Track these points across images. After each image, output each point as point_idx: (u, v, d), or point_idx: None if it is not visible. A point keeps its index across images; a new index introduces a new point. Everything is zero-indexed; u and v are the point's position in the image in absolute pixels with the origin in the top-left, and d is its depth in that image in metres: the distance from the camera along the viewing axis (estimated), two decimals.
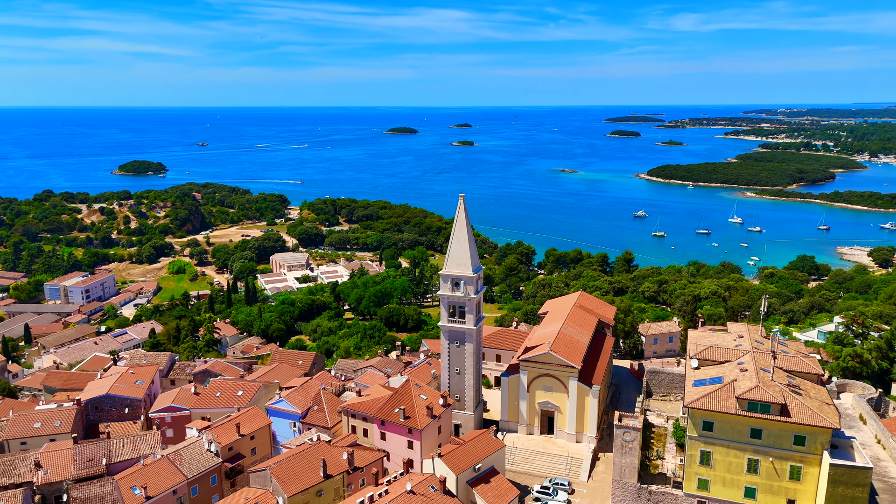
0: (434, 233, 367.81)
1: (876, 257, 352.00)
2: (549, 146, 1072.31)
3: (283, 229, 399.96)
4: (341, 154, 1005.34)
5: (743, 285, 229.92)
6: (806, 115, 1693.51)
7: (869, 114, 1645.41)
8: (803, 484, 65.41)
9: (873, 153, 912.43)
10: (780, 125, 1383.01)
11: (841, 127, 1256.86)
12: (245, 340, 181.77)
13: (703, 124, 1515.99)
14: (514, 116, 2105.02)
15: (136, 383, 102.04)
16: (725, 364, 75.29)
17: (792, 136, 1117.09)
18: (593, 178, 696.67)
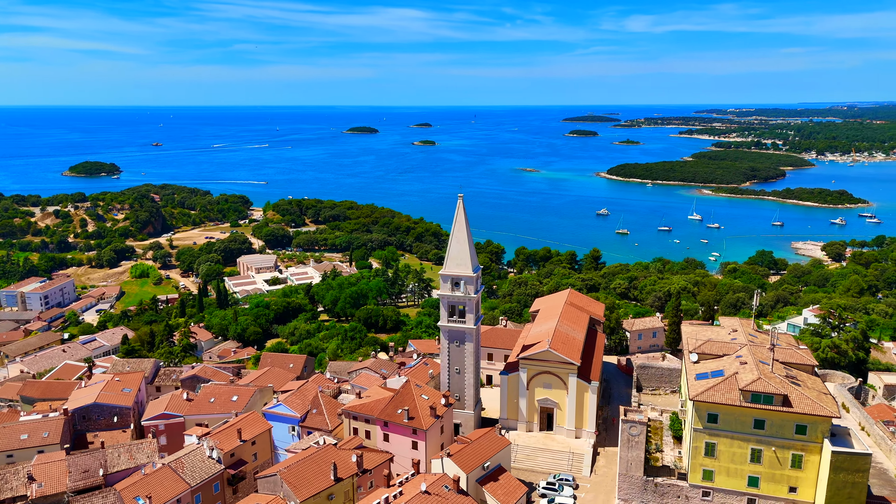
0: (403, 233, 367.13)
1: (829, 252, 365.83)
2: (510, 146, 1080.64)
3: (248, 231, 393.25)
4: (302, 154, 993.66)
5: (711, 280, 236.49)
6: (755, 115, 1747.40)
7: (813, 113, 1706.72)
8: (804, 471, 67.95)
9: (820, 151, 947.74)
10: (731, 124, 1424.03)
11: (788, 126, 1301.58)
12: (221, 344, 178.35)
13: (658, 124, 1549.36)
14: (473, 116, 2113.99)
15: (124, 391, 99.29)
16: (724, 357, 77.62)
17: (743, 136, 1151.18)
18: (555, 177, 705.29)
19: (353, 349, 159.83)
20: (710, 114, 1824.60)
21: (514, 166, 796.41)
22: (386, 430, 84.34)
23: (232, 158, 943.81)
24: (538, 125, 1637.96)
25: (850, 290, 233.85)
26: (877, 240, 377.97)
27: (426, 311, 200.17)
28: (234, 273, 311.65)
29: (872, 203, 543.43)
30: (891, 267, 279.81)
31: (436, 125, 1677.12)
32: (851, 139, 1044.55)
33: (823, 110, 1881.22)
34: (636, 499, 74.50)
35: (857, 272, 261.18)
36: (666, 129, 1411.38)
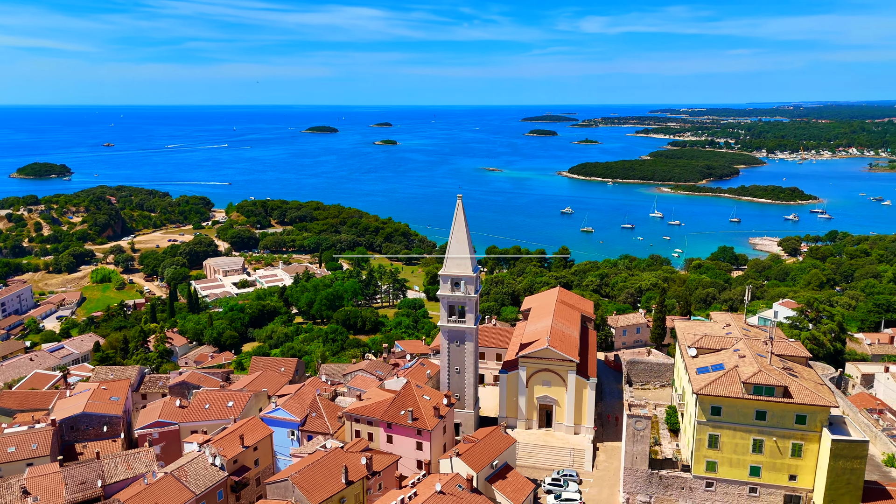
0: (372, 233, 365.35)
1: (785, 247, 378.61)
2: (472, 145, 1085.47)
3: (212, 233, 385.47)
4: (262, 154, 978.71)
5: (679, 276, 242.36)
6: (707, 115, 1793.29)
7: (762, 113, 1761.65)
8: (804, 460, 70.56)
9: (770, 150, 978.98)
10: (685, 124, 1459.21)
11: (739, 126, 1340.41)
12: (197, 350, 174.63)
13: (615, 123, 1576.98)
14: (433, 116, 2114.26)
15: (112, 399, 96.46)
16: (722, 351, 79.93)
17: (697, 135, 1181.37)
18: (518, 176, 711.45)
19: (335, 351, 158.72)
20: (665, 113, 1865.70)
21: (477, 166, 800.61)
22: (389, 431, 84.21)
23: (189, 159, 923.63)
24: (498, 125, 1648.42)
25: (811, 284, 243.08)
26: (829, 234, 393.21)
27: (404, 312, 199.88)
28: (201, 276, 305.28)
29: (823, 199, 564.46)
30: (846, 261, 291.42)
31: (396, 125, 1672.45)
32: (799, 138, 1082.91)
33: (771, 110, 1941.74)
34: (641, 492, 76.17)
35: (815, 266, 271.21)
36: (623, 128, 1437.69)
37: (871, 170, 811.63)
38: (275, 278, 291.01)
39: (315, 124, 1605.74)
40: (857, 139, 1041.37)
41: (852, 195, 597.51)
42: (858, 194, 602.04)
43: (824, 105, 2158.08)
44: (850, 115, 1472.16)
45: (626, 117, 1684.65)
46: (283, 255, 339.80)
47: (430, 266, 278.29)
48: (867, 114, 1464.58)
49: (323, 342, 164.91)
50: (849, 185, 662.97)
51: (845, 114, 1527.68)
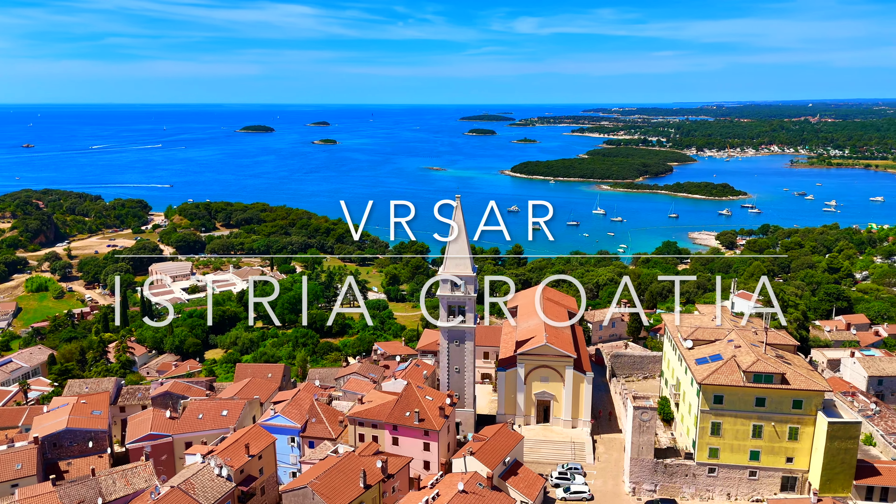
0: (323, 234, 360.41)
1: (723, 241, 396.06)
2: (413, 144, 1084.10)
3: (154, 237, 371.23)
4: (196, 155, 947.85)
5: (634, 271, 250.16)
6: (637, 114, 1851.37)
7: (687, 112, 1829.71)
8: (800, 442, 74.74)
9: (699, 148, 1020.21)
10: (617, 123, 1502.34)
11: (668, 124, 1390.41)
12: (159, 358, 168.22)
13: (551, 122, 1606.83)
14: (371, 115, 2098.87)
15: (94, 413, 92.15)
16: (716, 342, 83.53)
17: (630, 133, 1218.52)
18: (462, 175, 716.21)
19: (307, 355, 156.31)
20: (598, 113, 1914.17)
21: (420, 165, 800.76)
22: (395, 433, 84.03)
23: (118, 160, 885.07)
24: (437, 124, 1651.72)
25: (755, 276, 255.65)
26: (762, 228, 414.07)
27: (371, 313, 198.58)
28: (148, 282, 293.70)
29: (752, 195, 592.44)
30: (781, 252, 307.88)
31: (334, 124, 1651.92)
32: (725, 136, 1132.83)
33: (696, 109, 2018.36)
34: (647, 481, 78.84)
35: (756, 258, 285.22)
36: (559, 127, 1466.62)
37: (793, 166, 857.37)
38: (227, 283, 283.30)
39: (249, 123, 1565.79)
40: (777, 137, 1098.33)
41: (777, 190, 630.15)
42: (783, 189, 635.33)
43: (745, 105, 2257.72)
44: (768, 114, 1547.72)
45: (560, 117, 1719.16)
46: (233, 259, 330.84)
47: (388, 266, 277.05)
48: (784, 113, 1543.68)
49: (293, 346, 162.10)
50: (773, 180, 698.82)
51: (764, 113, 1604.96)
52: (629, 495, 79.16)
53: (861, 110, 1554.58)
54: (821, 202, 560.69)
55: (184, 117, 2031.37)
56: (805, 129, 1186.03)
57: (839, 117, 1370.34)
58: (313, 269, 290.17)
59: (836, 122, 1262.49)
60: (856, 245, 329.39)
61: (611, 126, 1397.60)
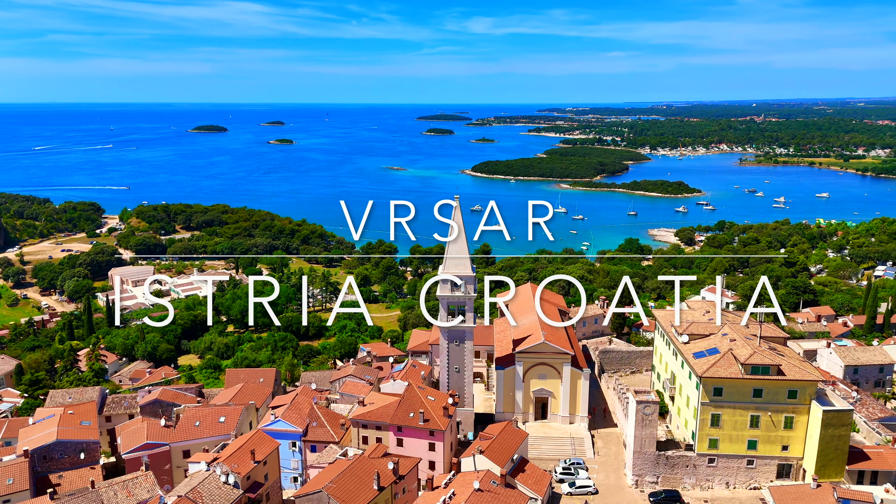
0: (288, 236, 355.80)
1: (682, 237, 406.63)
2: (372, 144, 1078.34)
3: (111, 241, 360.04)
4: (148, 156, 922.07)
5: (603, 269, 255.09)
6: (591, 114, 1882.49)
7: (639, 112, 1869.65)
8: (795, 431, 77.85)
9: (653, 147, 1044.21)
10: (572, 122, 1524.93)
11: (622, 124, 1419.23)
12: (131, 366, 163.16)
13: (507, 122, 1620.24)
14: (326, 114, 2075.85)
15: (83, 424, 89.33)
16: (711, 336, 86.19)
17: (585, 133, 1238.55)
18: (423, 174, 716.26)
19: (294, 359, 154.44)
20: (552, 112, 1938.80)
21: (380, 165, 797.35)
22: (400, 434, 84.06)
23: (64, 162, 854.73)
24: (394, 123, 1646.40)
25: (717, 271, 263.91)
26: (718, 224, 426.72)
27: (346, 315, 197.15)
28: (107, 288, 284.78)
29: (706, 192, 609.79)
30: (740, 248, 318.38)
31: (289, 123, 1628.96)
32: (676, 135, 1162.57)
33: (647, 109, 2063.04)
34: (649, 473, 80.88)
35: (717, 254, 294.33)
36: (515, 127, 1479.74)
37: (742, 164, 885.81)
38: (191, 287, 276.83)
39: (201, 123, 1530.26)
40: (726, 136, 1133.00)
41: (729, 188, 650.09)
42: (734, 187, 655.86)
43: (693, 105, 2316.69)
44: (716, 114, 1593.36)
45: (517, 116, 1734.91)
46: (196, 262, 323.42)
47: (359, 268, 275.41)
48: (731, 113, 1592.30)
49: (272, 350, 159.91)
50: (725, 178, 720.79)
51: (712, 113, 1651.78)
52: (632, 488, 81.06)
53: (802, 110, 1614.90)
54: (770, 199, 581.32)
55: (132, 117, 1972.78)
56: (751, 128, 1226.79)
57: (782, 117, 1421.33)
58: (281, 271, 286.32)
59: (779, 121, 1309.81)
60: (808, 240, 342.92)
61: (566, 126, 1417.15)
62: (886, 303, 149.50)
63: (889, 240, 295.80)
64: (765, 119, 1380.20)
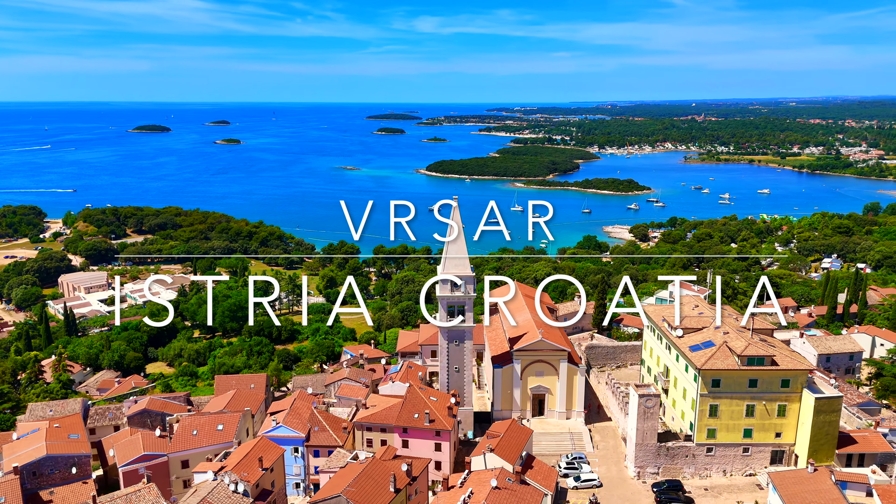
0: (245, 238, 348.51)
1: (636, 234, 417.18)
2: (323, 143, 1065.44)
3: (57, 246, 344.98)
4: (87, 157, 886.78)
5: (568, 266, 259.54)
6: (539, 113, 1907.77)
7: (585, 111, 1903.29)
8: (787, 418, 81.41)
9: (601, 145, 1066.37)
10: (521, 122, 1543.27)
11: (569, 123, 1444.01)
12: (97, 375, 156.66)
13: (457, 122, 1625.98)
14: (273, 113, 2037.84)
15: (71, 437, 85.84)
16: (704, 330, 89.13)
17: (535, 132, 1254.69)
18: (377, 174, 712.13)
19: (264, 364, 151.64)
20: (501, 112, 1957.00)
21: (333, 165, 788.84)
22: (405, 436, 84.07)
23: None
24: (344, 123, 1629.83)
25: (676, 266, 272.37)
26: (670, 221, 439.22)
27: (317, 318, 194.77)
28: (58, 295, 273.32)
29: (655, 189, 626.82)
30: (694, 243, 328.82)
31: (234, 122, 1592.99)
32: (623, 134, 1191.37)
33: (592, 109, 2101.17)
34: (651, 464, 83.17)
35: (674, 250, 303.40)
36: (465, 126, 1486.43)
37: (686, 162, 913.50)
38: (148, 292, 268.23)
39: (143, 123, 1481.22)
40: (670, 135, 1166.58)
41: (676, 185, 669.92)
42: (681, 184, 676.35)
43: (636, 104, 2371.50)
44: (659, 113, 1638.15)
45: (466, 116, 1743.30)
46: (151, 267, 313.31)
47: (324, 269, 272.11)
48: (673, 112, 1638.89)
49: (248, 355, 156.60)
50: (671, 175, 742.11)
51: (655, 112, 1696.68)
52: (634, 479, 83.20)
53: (738, 109, 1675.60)
54: (716, 195, 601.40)
55: (67, 116, 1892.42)
56: (693, 127, 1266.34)
57: (720, 116, 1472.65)
58: (243, 274, 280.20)
59: (719, 120, 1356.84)
60: (755, 234, 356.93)
61: (516, 125, 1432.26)
62: (844, 293, 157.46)
63: (833, 233, 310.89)
64: (705, 118, 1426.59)
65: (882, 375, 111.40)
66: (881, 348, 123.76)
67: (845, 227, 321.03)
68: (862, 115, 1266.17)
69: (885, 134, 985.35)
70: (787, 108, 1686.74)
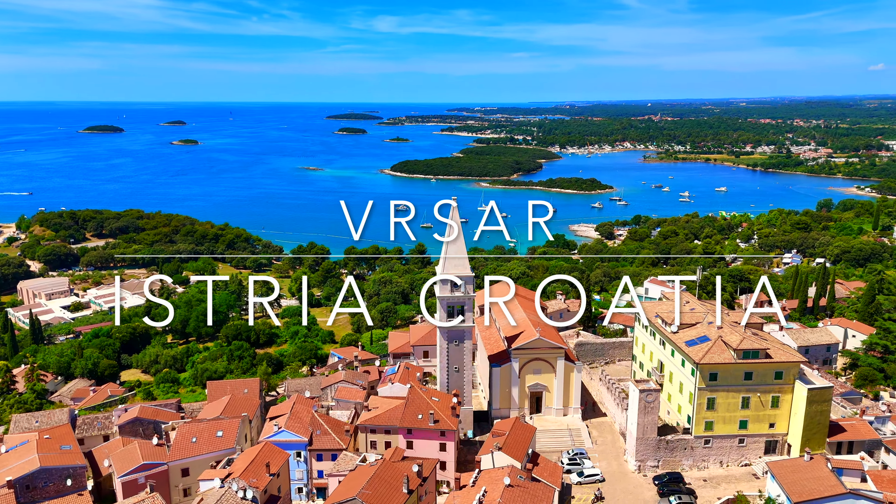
0: (211, 241, 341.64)
1: (602, 232, 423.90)
2: (284, 144, 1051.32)
3: (12, 251, 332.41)
4: (37, 158, 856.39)
5: (541, 264, 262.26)
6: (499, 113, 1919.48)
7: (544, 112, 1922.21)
8: (780, 409, 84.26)
9: (562, 145, 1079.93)
10: (482, 122, 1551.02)
11: (530, 123, 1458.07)
12: (70, 384, 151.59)
13: (419, 121, 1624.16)
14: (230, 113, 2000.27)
15: (63, 448, 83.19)
16: (697, 325, 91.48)
17: (496, 132, 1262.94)
18: (342, 174, 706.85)
19: (246, 368, 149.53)
20: (462, 112, 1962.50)
21: (295, 165, 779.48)
22: (410, 437, 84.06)
23: None
24: (304, 123, 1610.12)
25: (645, 263, 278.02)
26: (634, 219, 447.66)
27: (294, 321, 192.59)
28: (18, 303, 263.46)
29: (617, 188, 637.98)
30: (661, 241, 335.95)
31: (191, 123, 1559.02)
32: (583, 134, 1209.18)
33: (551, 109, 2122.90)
34: (651, 457, 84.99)
35: (642, 247, 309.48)
36: (427, 126, 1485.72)
37: (645, 161, 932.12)
38: (113, 297, 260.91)
39: (94, 123, 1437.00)
40: (628, 135, 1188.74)
41: (637, 183, 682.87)
42: (641, 183, 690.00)
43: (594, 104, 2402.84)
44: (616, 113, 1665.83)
45: (428, 116, 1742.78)
46: (114, 271, 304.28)
47: (297, 271, 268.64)
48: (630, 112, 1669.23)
49: (227, 360, 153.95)
50: (632, 174, 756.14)
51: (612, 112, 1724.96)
52: (635, 473, 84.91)
53: (692, 109, 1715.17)
54: (676, 193, 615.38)
55: (14, 116, 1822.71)
56: (650, 126, 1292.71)
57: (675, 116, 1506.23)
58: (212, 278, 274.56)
59: (675, 120, 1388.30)
60: (718, 231, 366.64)
61: (477, 125, 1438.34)
62: (812, 287, 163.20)
63: (792, 229, 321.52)
64: (661, 118, 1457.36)
65: (857, 366, 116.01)
66: (853, 339, 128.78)
67: (803, 223, 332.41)
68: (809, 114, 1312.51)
69: (832, 133, 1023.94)
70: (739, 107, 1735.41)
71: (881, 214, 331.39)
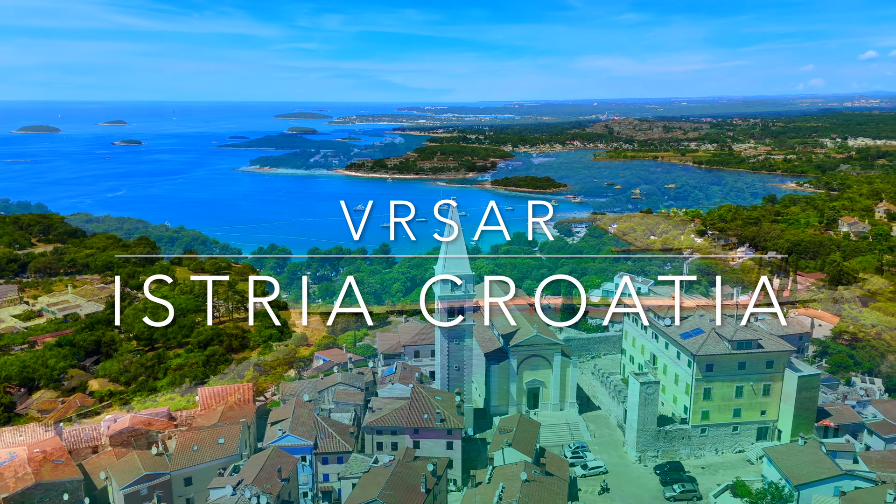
0: (167, 243, 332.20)
1: (561, 228, 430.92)
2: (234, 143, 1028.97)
3: None
4: None
5: (510, 262, 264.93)
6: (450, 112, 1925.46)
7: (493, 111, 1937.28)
8: (771, 397, 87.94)
9: (514, 144, 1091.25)
10: (434, 121, 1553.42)
11: (481, 123, 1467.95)
12: (36, 396, 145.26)
13: (370, 120, 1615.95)
14: (173, 112, 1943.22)
15: (56, 462, 79.94)
16: (688, 318, 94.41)
17: (449, 132, 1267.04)
18: (296, 174, 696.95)
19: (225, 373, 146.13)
20: (412, 111, 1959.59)
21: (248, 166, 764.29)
22: (416, 437, 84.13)
23: None
24: (251, 122, 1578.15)
25: (607, 259, 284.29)
26: (591, 216, 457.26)
27: (266, 323, 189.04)
28: None
29: (571, 186, 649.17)
30: (620, 237, 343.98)
31: (132, 122, 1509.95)
32: (534, 133, 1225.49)
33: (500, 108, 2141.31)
34: (650, 448, 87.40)
35: (604, 243, 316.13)
36: (379, 125, 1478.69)
37: (595, 159, 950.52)
38: (68, 305, 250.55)
39: (28, 123, 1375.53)
40: (577, 134, 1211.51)
41: (589, 181, 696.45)
42: (594, 180, 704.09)
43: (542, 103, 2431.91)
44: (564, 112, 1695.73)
45: (379, 115, 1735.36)
46: (66, 278, 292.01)
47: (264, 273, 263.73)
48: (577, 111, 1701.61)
49: (204, 364, 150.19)
50: (584, 173, 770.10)
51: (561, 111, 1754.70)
52: (636, 463, 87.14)
53: (637, 108, 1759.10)
54: (627, 190, 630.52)
55: None
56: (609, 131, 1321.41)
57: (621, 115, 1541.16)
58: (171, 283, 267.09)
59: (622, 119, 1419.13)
60: (673, 227, 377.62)
61: (429, 124, 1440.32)
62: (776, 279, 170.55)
63: (744, 224, 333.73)
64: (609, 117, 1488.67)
65: (827, 354, 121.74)
66: (819, 329, 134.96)
67: (754, 218, 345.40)
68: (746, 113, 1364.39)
69: (769, 132, 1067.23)
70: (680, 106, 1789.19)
71: (825, 209, 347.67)
